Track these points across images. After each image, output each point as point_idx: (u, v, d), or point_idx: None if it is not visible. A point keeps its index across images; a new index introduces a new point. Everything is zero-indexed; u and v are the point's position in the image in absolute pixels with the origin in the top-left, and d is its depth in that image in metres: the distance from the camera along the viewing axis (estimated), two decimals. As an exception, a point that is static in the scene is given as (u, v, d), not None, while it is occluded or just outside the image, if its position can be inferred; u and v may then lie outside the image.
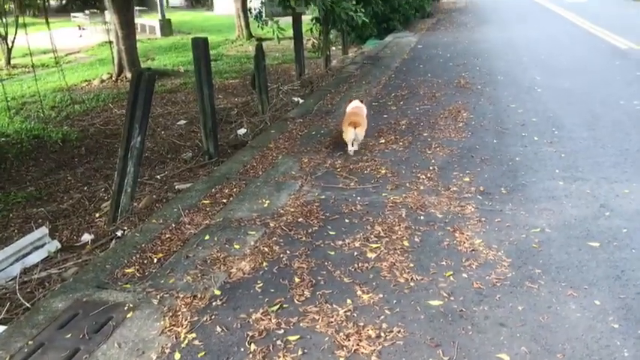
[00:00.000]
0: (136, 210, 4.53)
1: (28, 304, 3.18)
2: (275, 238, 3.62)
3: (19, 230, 4.46)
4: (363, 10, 9.34)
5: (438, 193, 4.29)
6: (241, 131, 6.79)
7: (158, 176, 5.55)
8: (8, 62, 13.39)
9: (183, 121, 7.73)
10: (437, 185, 4.45)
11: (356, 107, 5.65)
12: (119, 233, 4.14)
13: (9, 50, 13.48)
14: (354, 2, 9.21)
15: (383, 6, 12.66)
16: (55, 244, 4.00)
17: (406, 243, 3.49)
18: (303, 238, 3.61)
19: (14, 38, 13.21)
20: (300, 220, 3.89)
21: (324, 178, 4.69)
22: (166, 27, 19.26)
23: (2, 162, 6.01)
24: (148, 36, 18.64)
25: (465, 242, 3.47)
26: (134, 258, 3.42)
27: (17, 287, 3.38)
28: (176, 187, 5.20)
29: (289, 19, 9.61)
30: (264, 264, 3.29)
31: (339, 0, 8.79)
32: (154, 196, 4.93)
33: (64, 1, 25.40)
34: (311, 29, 10.53)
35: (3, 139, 6.88)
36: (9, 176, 5.63)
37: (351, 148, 5.28)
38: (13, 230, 4.49)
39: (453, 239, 3.52)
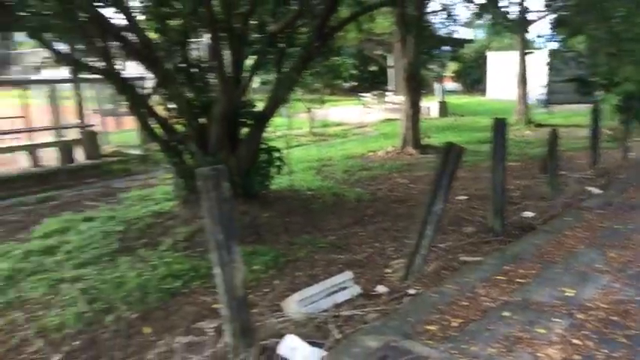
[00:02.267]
0: (425, 272, 4.71)
1: (338, 336, 3.54)
2: (586, 332, 3.29)
3: (324, 271, 5.07)
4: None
5: None
6: (527, 214, 6.54)
7: (441, 245, 5.70)
8: (310, 130, 15.85)
9: (463, 197, 7.86)
10: None
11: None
12: (412, 291, 4.34)
13: (312, 121, 15.98)
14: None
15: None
16: (356, 289, 4.40)
17: None
18: (622, 340, 3.19)
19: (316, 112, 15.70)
20: (614, 318, 3.47)
21: (638, 278, 4.12)
22: (443, 109, 20.25)
23: (309, 212, 7.01)
24: (425, 116, 19.91)
25: None
26: (434, 317, 3.52)
27: (328, 319, 3.81)
28: (461, 258, 5.25)
29: (573, 107, 9.05)
30: (577, 357, 3.00)
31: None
32: (441, 263, 5.06)
33: (354, 83, 29.07)
34: (609, 117, 9.70)
35: (310, 192, 8.07)
36: (314, 224, 6.52)
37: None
38: (318, 270, 5.13)
39: None
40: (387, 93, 24.41)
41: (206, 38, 6.85)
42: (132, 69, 7.48)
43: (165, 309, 4.13)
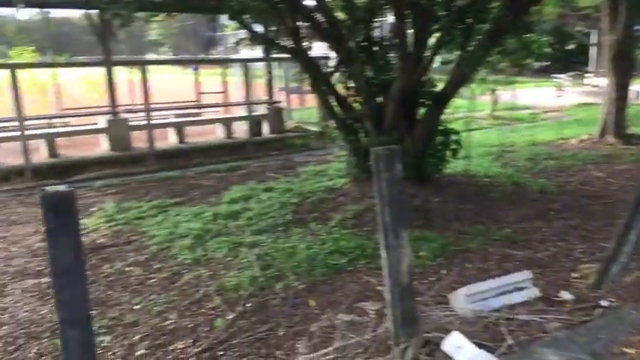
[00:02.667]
0: (623, 283, 4.01)
1: (510, 341, 3.19)
2: None
3: (497, 267, 4.65)
4: None
5: None
6: None
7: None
8: (492, 113, 14.83)
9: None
10: None
11: None
12: (604, 303, 3.72)
13: (495, 103, 14.92)
14: None
15: None
16: (535, 291, 3.93)
17: None
18: None
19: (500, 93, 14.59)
20: None
21: None
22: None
23: (485, 200, 6.53)
24: (633, 101, 17.23)
25: None
26: (634, 339, 2.96)
27: (499, 321, 3.46)
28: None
29: None
30: None
31: None
32: (643, 275, 4.27)
33: (546, 63, 26.44)
34: None
35: (487, 179, 7.52)
36: (490, 214, 6.04)
37: None
38: (491, 264, 4.72)
39: None
40: (585, 74, 21.69)
41: (390, 16, 6.71)
42: (317, 49, 7.72)
43: (330, 284, 4.18)
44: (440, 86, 6.46)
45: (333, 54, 7.09)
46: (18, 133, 8.11)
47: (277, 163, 9.34)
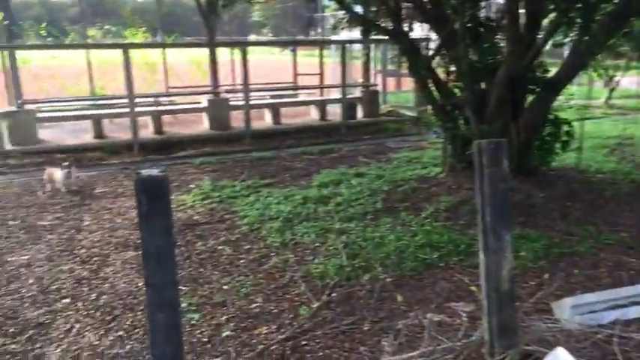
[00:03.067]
0: None
1: (624, 365, 2.83)
2: None
3: (608, 275, 4.19)
4: None
5: None
6: None
7: None
8: (607, 101, 13.52)
9: None
10: None
11: None
12: None
13: (612, 90, 13.57)
14: None
15: None
16: (657, 308, 3.48)
17: None
18: None
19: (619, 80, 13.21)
20: None
21: None
22: None
23: (597, 198, 5.92)
24: None
25: None
26: None
27: (612, 339, 3.09)
28: None
29: None
30: None
31: None
32: None
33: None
34: None
35: (600, 175, 6.83)
36: (602, 214, 5.47)
37: None
38: (602, 272, 4.26)
39: None
40: None
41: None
42: (416, 31, 7.39)
43: (420, 280, 3.99)
44: (552, 71, 5.92)
45: (434, 36, 6.73)
46: (128, 110, 8.63)
47: (370, 147, 9.17)
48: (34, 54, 12.49)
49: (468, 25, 5.93)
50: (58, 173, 6.38)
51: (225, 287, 3.90)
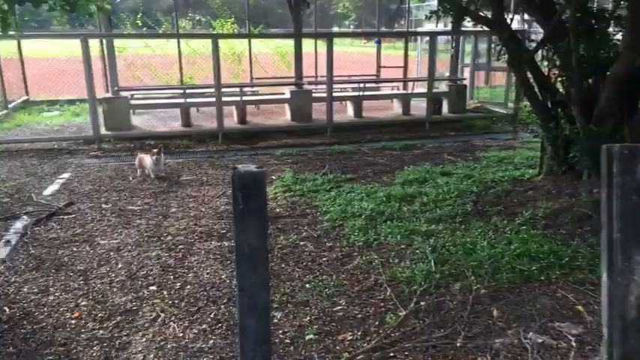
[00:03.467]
0: None
1: None
2: None
3: None
4: None
5: None
6: None
7: None
8: None
9: None
10: None
11: None
12: None
13: None
14: None
15: None
16: None
17: None
18: None
19: None
20: None
21: None
22: None
23: None
24: None
25: None
26: None
27: None
28: None
29: None
30: None
31: None
32: None
33: None
34: None
35: None
36: None
37: None
38: None
39: None
40: None
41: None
42: (514, 24, 6.88)
43: (518, 294, 3.65)
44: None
45: (535, 28, 6.21)
46: (215, 99, 8.78)
47: (455, 145, 8.74)
48: (129, 43, 13.09)
49: (578, 15, 5.40)
50: (147, 160, 6.58)
51: (307, 286, 3.77)
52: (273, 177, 6.63)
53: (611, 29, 5.58)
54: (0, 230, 4.82)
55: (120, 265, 4.08)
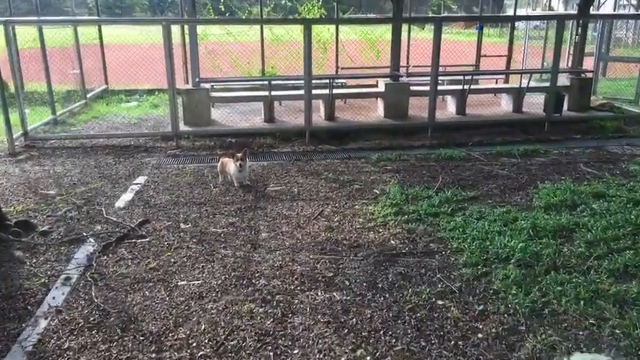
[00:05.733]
0: None
1: None
2: None
3: None
4: None
5: None
6: None
7: None
8: None
9: None
10: None
11: None
12: None
13: None
14: None
15: None
16: None
17: None
18: None
19: None
20: None
21: None
22: None
23: None
24: None
25: None
26: None
27: None
28: None
29: None
30: None
31: None
32: None
33: None
34: None
35: None
36: None
37: None
38: None
39: None
40: None
41: None
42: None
43: None
44: None
45: None
46: (303, 92, 7.73)
47: (587, 151, 7.23)
48: (210, 29, 12.32)
49: None
50: (231, 166, 5.65)
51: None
52: (377, 191, 5.50)
53: None
54: (61, 259, 4.00)
55: (203, 327, 3.07)
